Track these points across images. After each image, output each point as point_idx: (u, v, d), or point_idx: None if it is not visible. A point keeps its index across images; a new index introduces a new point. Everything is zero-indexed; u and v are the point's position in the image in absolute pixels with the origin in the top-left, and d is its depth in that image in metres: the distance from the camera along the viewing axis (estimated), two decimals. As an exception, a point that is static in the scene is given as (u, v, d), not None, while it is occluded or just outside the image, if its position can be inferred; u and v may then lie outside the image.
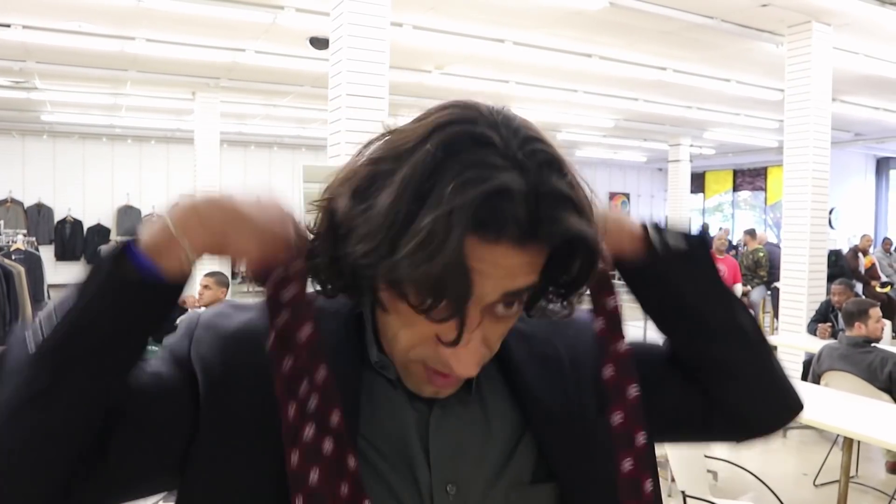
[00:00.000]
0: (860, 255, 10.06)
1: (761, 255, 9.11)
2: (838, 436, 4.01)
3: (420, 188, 0.55)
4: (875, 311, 4.38)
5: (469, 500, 0.66)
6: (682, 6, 5.91)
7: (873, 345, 4.29)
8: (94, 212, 14.01)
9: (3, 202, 13.16)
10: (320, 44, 6.73)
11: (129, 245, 0.59)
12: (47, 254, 12.32)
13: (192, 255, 0.59)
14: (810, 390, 4.05)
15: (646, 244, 0.73)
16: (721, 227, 15.82)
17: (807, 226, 6.18)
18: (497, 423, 0.69)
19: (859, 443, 3.80)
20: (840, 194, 14.32)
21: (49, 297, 9.87)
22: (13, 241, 9.02)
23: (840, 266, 9.27)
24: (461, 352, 0.60)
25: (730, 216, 18.73)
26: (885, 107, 10.26)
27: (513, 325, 0.66)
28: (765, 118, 11.26)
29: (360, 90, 4.45)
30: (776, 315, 8.01)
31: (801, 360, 5.76)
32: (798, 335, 6.07)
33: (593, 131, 13.35)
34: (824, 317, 5.78)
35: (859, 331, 4.33)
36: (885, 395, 3.97)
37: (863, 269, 9.95)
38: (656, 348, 0.82)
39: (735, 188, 18.69)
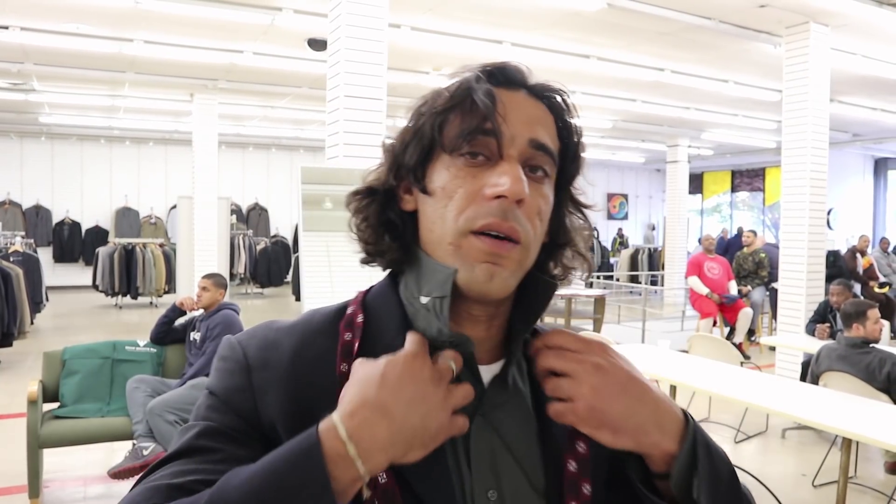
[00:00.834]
0: (858, 255, 10.07)
1: (762, 255, 9.12)
2: (837, 436, 4.02)
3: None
4: (873, 313, 4.38)
5: None
6: (679, 7, 5.92)
7: (872, 345, 4.29)
8: (92, 213, 14.00)
9: (2, 204, 13.16)
10: (318, 45, 6.73)
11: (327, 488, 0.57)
12: (45, 256, 12.33)
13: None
14: (809, 391, 4.05)
15: (670, 460, 0.68)
16: (724, 229, 15.88)
17: (805, 226, 6.19)
18: (529, 437, 0.73)
19: (858, 443, 3.80)
20: (838, 195, 14.34)
21: (47, 299, 9.87)
22: (11, 243, 9.02)
23: (838, 266, 9.28)
24: (508, 171, 0.67)
25: (728, 217, 18.75)
26: (882, 107, 10.27)
27: (546, 207, 0.71)
28: (763, 119, 11.27)
29: (358, 91, 4.45)
30: (775, 315, 8.02)
31: (799, 360, 5.77)
32: (796, 335, 6.08)
33: (591, 132, 13.35)
34: (823, 317, 5.78)
35: (858, 332, 4.34)
36: (884, 396, 3.97)
37: (861, 270, 9.95)
38: None
39: (733, 189, 18.72)
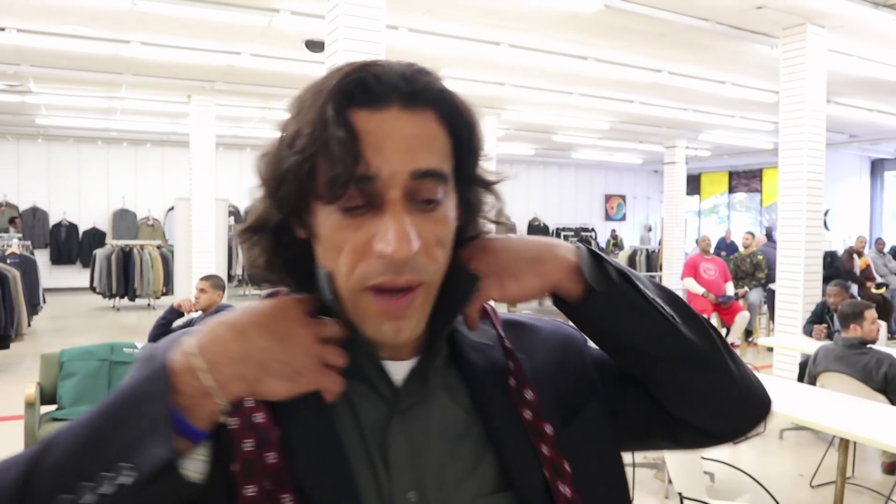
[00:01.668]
0: (855, 256, 10.09)
1: (760, 257, 9.15)
2: (834, 437, 4.02)
3: (307, 108, 0.63)
4: (870, 313, 4.39)
5: None
6: (677, 8, 5.93)
7: (869, 346, 4.30)
8: (89, 215, 13.98)
9: (-2, 206, 13.14)
10: (316, 46, 6.73)
11: (174, 414, 0.57)
12: (42, 258, 12.31)
13: (225, 412, 0.61)
14: (806, 391, 4.06)
15: (579, 279, 0.72)
16: (728, 230, 15.89)
17: (802, 227, 6.20)
18: (460, 435, 0.69)
19: (855, 444, 3.81)
20: (835, 196, 14.37)
21: (44, 301, 9.86)
22: (8, 245, 9.01)
23: (835, 267, 9.31)
24: (391, 227, 0.60)
25: (725, 218, 18.78)
26: (879, 108, 10.29)
27: (446, 231, 0.66)
28: (760, 120, 11.29)
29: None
30: (772, 316, 8.03)
31: (796, 361, 5.78)
32: (794, 336, 6.08)
33: (589, 133, 13.37)
34: (820, 318, 5.79)
35: (855, 332, 4.34)
36: (881, 396, 3.98)
37: (858, 271, 9.97)
38: None
39: (731, 190, 18.75)
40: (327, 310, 0.67)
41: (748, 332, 8.69)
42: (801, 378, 4.99)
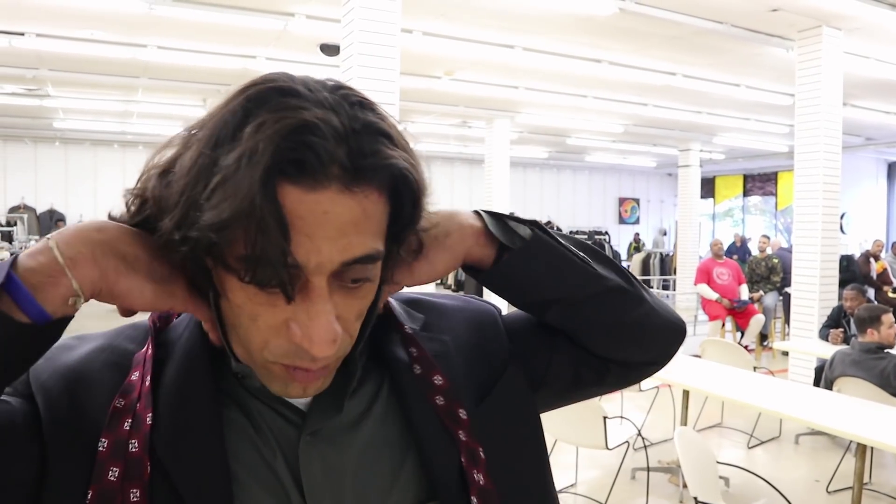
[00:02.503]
0: (872, 260, 10.00)
1: (775, 260, 9.10)
2: (851, 442, 3.99)
3: (221, 138, 0.52)
4: (888, 318, 4.36)
5: None
6: (691, 11, 5.91)
7: (886, 351, 4.26)
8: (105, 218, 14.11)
9: (16, 208, 13.27)
10: (331, 50, 6.76)
11: (10, 275, 0.49)
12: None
13: (80, 298, 0.53)
14: (823, 396, 4.03)
15: (488, 243, 0.70)
16: (736, 234, 15.78)
17: (818, 231, 6.15)
18: (377, 446, 0.65)
19: (872, 449, 3.78)
20: (851, 199, 14.25)
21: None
22: (26, 247, 9.11)
23: (852, 271, 9.22)
24: (314, 321, 0.54)
25: (740, 221, 18.67)
26: (896, 111, 10.23)
27: (367, 301, 0.60)
28: (775, 123, 11.22)
29: (371, 96, 4.46)
30: (787, 321, 7.98)
31: (812, 365, 5.74)
32: (810, 341, 6.04)
33: (603, 136, 13.34)
34: (836, 322, 5.75)
35: (872, 337, 4.31)
36: (899, 401, 3.95)
37: (875, 275, 9.88)
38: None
39: (745, 193, 18.64)
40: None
41: (763, 336, 8.63)
42: (817, 383, 4.96)
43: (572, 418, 3.49)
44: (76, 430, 0.58)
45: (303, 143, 0.51)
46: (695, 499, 2.71)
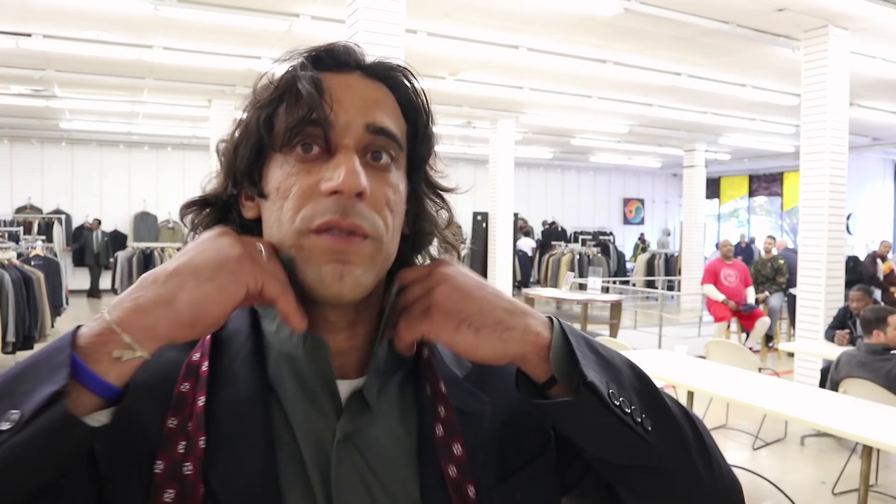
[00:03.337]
0: (878, 260, 9.96)
1: (781, 262, 9.05)
2: (857, 444, 3.97)
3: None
4: (894, 319, 4.34)
5: None
6: (697, 11, 5.90)
7: (892, 352, 4.24)
8: (111, 218, 14.13)
9: (23, 209, 13.32)
10: (335, 51, 6.77)
11: (74, 359, 0.51)
12: (65, 260, 12.45)
13: (138, 355, 0.55)
14: (828, 397, 4.01)
15: (547, 359, 0.63)
16: (742, 235, 15.73)
17: (824, 231, 6.13)
18: (404, 460, 0.65)
19: (879, 451, 3.76)
20: (858, 199, 14.20)
21: (67, 303, 9.97)
22: (32, 248, 9.12)
23: (858, 272, 9.19)
24: (341, 164, 0.61)
25: (745, 222, 18.62)
26: (903, 111, 10.18)
27: (395, 198, 0.65)
28: (781, 123, 11.19)
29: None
30: (793, 322, 7.95)
31: (818, 366, 5.72)
32: (815, 342, 6.02)
33: (608, 137, 13.32)
34: (842, 323, 5.73)
35: (878, 338, 4.29)
36: (905, 403, 3.93)
37: (881, 275, 9.85)
38: None
39: (751, 193, 18.59)
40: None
41: (769, 338, 8.60)
42: (822, 384, 4.94)
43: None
44: (131, 450, 0.59)
45: (330, 48, 0.67)
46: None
